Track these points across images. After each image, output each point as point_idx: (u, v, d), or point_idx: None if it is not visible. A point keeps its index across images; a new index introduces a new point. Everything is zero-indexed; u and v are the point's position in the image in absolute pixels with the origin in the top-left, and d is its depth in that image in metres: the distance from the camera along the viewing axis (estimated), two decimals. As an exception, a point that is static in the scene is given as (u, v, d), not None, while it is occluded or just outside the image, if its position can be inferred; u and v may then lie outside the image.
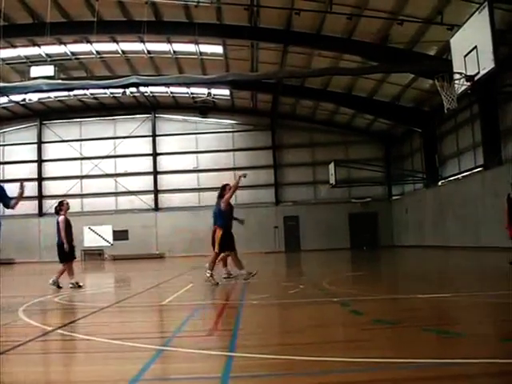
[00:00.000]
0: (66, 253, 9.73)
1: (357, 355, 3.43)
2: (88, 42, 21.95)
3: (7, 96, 26.40)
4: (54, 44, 21.71)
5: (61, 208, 10.03)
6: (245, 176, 9.31)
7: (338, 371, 3.15)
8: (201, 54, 23.26)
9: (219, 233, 9.48)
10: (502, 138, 18.48)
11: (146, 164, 32.17)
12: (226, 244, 9.40)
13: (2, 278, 14.17)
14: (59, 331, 4.86)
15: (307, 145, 31.55)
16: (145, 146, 32.29)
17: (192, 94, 29.19)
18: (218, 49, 22.58)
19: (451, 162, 23.73)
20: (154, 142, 32.25)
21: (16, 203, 6.58)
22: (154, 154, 32.12)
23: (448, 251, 19.97)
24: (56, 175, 31.90)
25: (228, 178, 31.53)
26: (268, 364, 3.38)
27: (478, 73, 10.63)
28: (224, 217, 9.66)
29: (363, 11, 17.10)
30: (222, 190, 9.89)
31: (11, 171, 31.83)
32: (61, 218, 9.90)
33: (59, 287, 9.41)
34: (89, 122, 32.35)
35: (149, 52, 23.36)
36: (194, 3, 18.15)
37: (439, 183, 24.68)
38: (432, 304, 5.94)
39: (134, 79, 18.13)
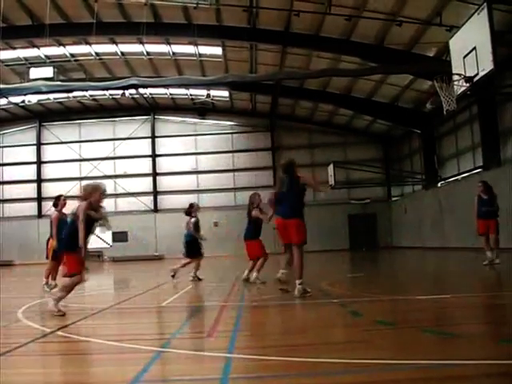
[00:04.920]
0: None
1: (357, 356, 3.42)
2: (87, 43, 21.96)
3: (6, 98, 26.40)
4: (53, 45, 21.72)
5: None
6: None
7: (337, 372, 3.15)
8: (200, 55, 23.28)
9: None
10: (501, 139, 18.50)
11: (146, 165, 32.17)
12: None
13: (2, 279, 14.16)
14: (59, 333, 4.85)
15: (306, 146, 31.55)
16: (144, 147, 32.29)
17: (191, 95, 29.21)
18: (217, 50, 22.59)
19: (450, 163, 23.75)
20: (153, 143, 32.26)
21: None
22: (154, 156, 32.13)
23: (447, 252, 19.97)
24: (55, 177, 31.85)
25: (227, 179, 31.91)
26: (267, 365, 3.37)
27: (477, 74, 10.63)
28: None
29: (362, 12, 17.11)
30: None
31: (10, 173, 31.89)
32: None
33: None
34: (88, 124, 32.36)
35: (148, 53, 23.38)
36: (193, 5, 18.16)
37: (438, 184, 24.69)
38: (432, 305, 5.94)
39: (133, 81, 18.15)
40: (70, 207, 6.27)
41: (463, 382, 2.91)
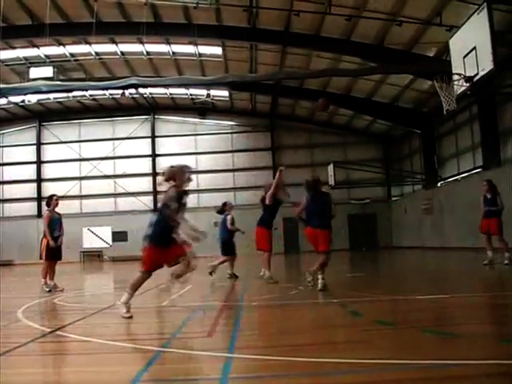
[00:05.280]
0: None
1: (357, 356, 3.42)
2: (87, 43, 21.96)
3: (6, 97, 26.39)
4: (52, 45, 21.70)
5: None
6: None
7: (337, 372, 3.15)
8: (200, 55, 23.27)
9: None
10: (501, 139, 18.50)
11: (145, 165, 32.15)
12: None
13: (2, 279, 14.16)
14: (58, 333, 4.85)
15: (306, 146, 31.54)
16: (144, 147, 32.28)
17: (191, 95, 29.21)
18: (217, 50, 22.58)
19: (450, 163, 23.75)
20: (153, 143, 32.25)
21: None
22: (153, 156, 32.12)
23: (447, 252, 19.96)
24: (55, 176, 31.86)
25: (227, 179, 31.89)
26: (267, 365, 3.37)
27: (477, 74, 10.63)
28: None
29: (362, 12, 17.10)
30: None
31: (10, 173, 31.88)
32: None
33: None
34: (88, 124, 32.34)
35: (148, 53, 23.37)
36: (193, 4, 18.16)
37: (438, 184, 24.69)
38: (431, 305, 5.94)
39: (133, 80, 18.14)
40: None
41: (463, 382, 2.91)
